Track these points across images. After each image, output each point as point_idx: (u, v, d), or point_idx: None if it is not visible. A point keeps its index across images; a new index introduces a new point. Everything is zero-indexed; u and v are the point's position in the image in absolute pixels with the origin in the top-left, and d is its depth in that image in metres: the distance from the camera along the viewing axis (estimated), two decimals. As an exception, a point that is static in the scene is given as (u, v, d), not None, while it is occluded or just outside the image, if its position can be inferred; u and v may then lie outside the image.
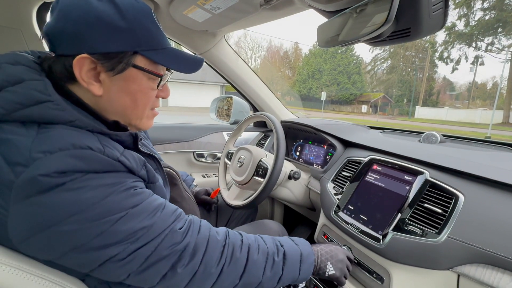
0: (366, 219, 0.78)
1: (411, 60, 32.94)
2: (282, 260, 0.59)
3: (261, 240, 0.60)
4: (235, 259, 0.53)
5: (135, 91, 0.51)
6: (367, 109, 31.34)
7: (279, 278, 0.58)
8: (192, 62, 0.56)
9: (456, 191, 0.66)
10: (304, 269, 0.61)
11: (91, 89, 0.47)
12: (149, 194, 0.49)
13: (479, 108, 27.75)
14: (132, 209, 0.44)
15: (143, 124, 0.57)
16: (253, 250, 0.56)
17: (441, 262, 0.61)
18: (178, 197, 0.78)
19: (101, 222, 0.41)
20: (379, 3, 0.57)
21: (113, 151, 0.45)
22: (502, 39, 22.75)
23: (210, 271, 0.50)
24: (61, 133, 0.41)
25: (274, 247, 0.60)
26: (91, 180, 0.41)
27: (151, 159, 0.61)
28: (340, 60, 33.56)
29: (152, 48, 0.50)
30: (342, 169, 1.00)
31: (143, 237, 0.44)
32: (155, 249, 0.45)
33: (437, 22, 0.57)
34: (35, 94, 0.42)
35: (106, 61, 0.46)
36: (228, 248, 0.53)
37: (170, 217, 0.49)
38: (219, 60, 1.38)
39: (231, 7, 0.89)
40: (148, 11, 0.49)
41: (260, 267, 0.55)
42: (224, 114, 1.72)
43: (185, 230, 0.49)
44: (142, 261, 0.44)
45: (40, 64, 0.47)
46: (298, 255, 0.62)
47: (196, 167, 1.60)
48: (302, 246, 0.64)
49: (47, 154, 0.38)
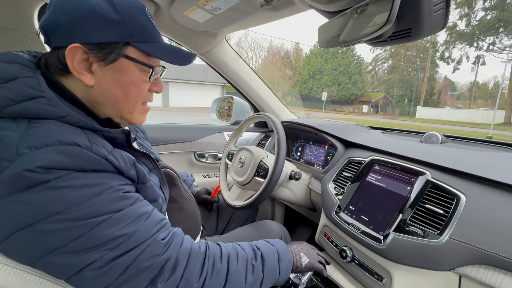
0: (367, 219, 0.78)
1: (412, 60, 32.87)
2: (261, 263, 0.59)
3: (238, 247, 0.60)
4: (216, 270, 0.52)
5: (127, 83, 0.51)
6: (368, 109, 31.28)
7: (261, 282, 0.58)
8: (185, 55, 0.57)
9: (458, 192, 0.65)
10: (283, 267, 0.62)
11: (83, 79, 0.48)
12: (135, 200, 0.48)
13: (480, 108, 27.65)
14: (116, 214, 0.43)
15: (134, 118, 0.57)
16: (233, 259, 0.55)
17: (442, 263, 0.61)
18: (178, 197, 0.78)
19: (81, 224, 0.40)
20: (380, 3, 0.57)
21: (101, 149, 0.45)
22: (503, 39, 22.69)
23: (191, 286, 0.48)
24: (49, 129, 0.42)
25: (251, 252, 0.60)
26: (76, 179, 0.41)
27: (147, 158, 0.61)
28: (341, 60, 33.54)
29: (144, 40, 0.50)
30: (343, 170, 1.00)
31: (123, 245, 0.43)
32: (135, 260, 0.44)
33: (438, 22, 0.57)
34: (28, 90, 0.42)
35: (98, 51, 0.47)
36: (209, 260, 0.52)
37: (154, 227, 0.48)
38: (220, 60, 1.39)
39: (232, 7, 0.89)
40: (141, 6, 0.50)
41: (241, 274, 0.55)
42: (225, 115, 1.72)
43: (167, 242, 0.48)
44: (120, 272, 0.43)
45: (36, 63, 0.48)
46: (275, 255, 0.62)
47: (197, 168, 1.60)
48: (278, 245, 0.65)
49: (32, 149, 0.39)
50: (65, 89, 0.49)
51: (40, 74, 0.46)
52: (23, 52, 0.49)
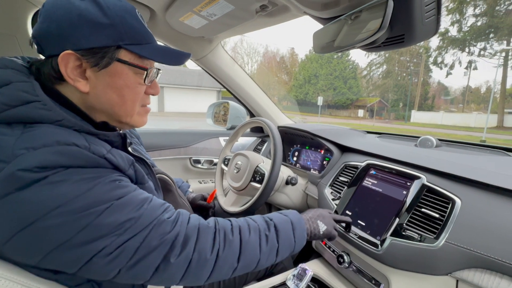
0: (364, 224, 0.78)
1: (406, 65, 33.39)
2: (275, 232, 0.59)
3: (250, 220, 0.60)
4: (228, 242, 0.52)
5: (122, 86, 0.51)
6: (364, 113, 31.56)
7: (276, 251, 0.58)
8: (178, 55, 0.56)
9: (453, 196, 0.66)
10: (298, 235, 0.62)
11: (78, 86, 0.47)
12: (135, 188, 0.48)
13: (473, 112, 28.09)
14: (117, 201, 0.43)
15: (134, 121, 0.56)
16: (245, 230, 0.56)
17: (439, 268, 0.61)
18: (172, 203, 0.76)
19: (85, 214, 0.40)
20: (373, 10, 0.58)
21: (100, 148, 0.45)
22: (494, 44, 23.26)
23: (205, 258, 0.49)
24: (46, 131, 0.41)
25: (264, 223, 0.60)
26: (73, 174, 0.41)
27: (142, 163, 0.60)
28: (336, 65, 33.90)
29: (136, 43, 0.50)
30: (340, 174, 1.00)
31: (130, 229, 0.43)
32: (144, 240, 0.44)
33: (430, 28, 0.58)
34: (22, 95, 0.42)
35: (91, 57, 0.47)
36: (220, 233, 0.53)
37: (158, 209, 0.48)
38: (215, 65, 1.39)
39: (227, 14, 0.90)
40: (132, 9, 0.50)
41: (255, 244, 0.55)
42: (221, 120, 1.72)
43: (174, 220, 0.49)
44: (131, 254, 0.43)
45: (29, 68, 0.48)
46: (289, 224, 0.62)
47: (193, 173, 1.59)
48: (290, 215, 0.65)
49: (30, 150, 0.38)
50: (60, 94, 0.48)
51: (34, 79, 0.45)
52: (17, 58, 0.49)
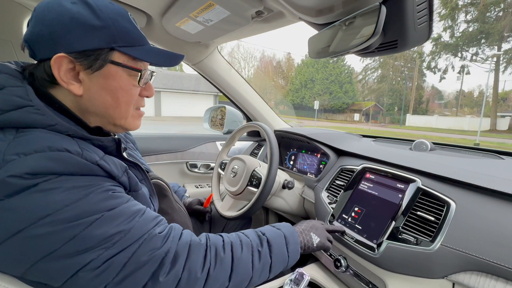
0: (361, 228, 0.78)
1: (400, 70, 33.84)
2: (268, 248, 0.57)
3: (242, 235, 0.58)
4: (220, 259, 0.51)
5: (116, 88, 0.51)
6: (359, 117, 31.83)
7: (269, 267, 0.57)
8: (171, 56, 0.57)
9: (448, 199, 0.66)
10: (292, 250, 0.61)
11: (71, 89, 0.47)
12: (128, 199, 0.47)
13: (467, 116, 28.49)
14: (108, 212, 0.42)
15: (129, 124, 0.56)
16: (237, 247, 0.54)
17: (435, 271, 0.61)
18: (168, 208, 0.76)
19: (73, 224, 0.39)
20: (367, 16, 0.59)
21: (92, 155, 0.44)
22: (485, 50, 23.73)
23: (196, 277, 0.47)
24: (38, 136, 0.41)
25: (256, 238, 0.58)
26: (64, 181, 0.40)
27: (136, 169, 0.60)
28: (331, 70, 34.24)
29: (129, 45, 0.50)
30: (336, 178, 1.00)
31: (119, 242, 0.42)
32: (133, 255, 0.42)
33: (423, 34, 0.59)
34: (15, 100, 0.42)
35: (84, 59, 0.46)
36: (211, 250, 0.51)
37: (150, 223, 0.47)
38: (212, 70, 1.39)
39: (223, 19, 0.91)
40: (124, 12, 0.50)
41: (247, 262, 0.54)
42: (218, 124, 1.72)
43: (165, 235, 0.47)
44: (118, 269, 0.41)
45: (21, 73, 0.47)
46: (282, 238, 0.61)
47: (189, 178, 1.58)
48: (284, 229, 0.64)
49: (21, 155, 0.38)
50: (54, 99, 0.48)
51: (27, 84, 0.45)
52: (10, 63, 0.49)
